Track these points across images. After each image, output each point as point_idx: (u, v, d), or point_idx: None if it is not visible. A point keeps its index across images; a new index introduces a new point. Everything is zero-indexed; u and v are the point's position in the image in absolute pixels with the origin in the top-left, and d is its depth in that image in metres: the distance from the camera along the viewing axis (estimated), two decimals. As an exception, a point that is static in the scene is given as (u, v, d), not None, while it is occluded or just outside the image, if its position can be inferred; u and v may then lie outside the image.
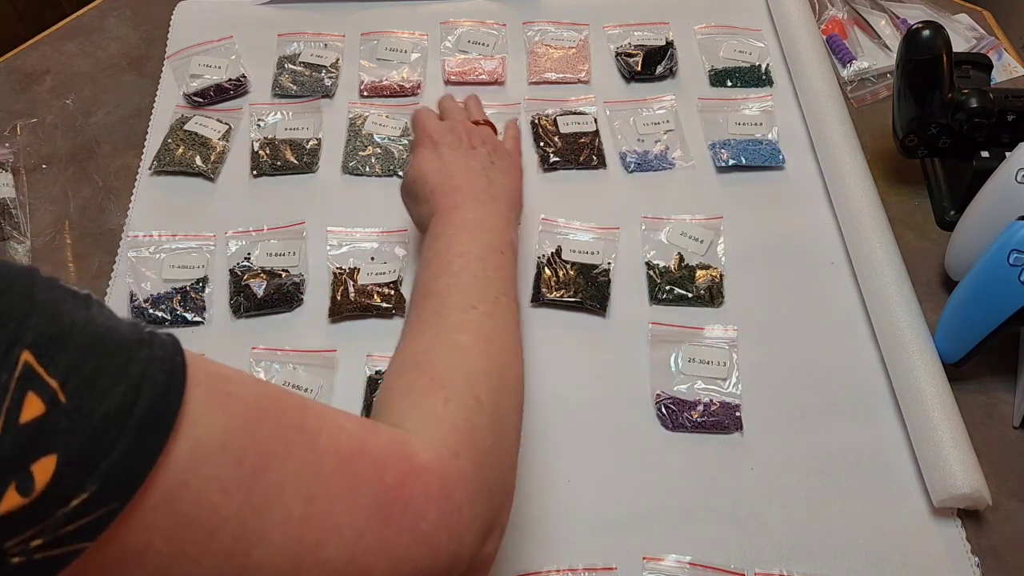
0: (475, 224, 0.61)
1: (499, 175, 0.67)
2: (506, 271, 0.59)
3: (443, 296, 0.55)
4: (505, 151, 0.70)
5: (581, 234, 0.79)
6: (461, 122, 0.71)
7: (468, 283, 0.56)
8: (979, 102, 0.73)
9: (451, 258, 0.58)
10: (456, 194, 0.63)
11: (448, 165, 0.66)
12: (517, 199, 0.67)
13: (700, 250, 0.78)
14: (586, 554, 0.61)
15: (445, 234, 0.60)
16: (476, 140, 0.69)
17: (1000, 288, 0.63)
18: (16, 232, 0.78)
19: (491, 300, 0.56)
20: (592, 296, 0.74)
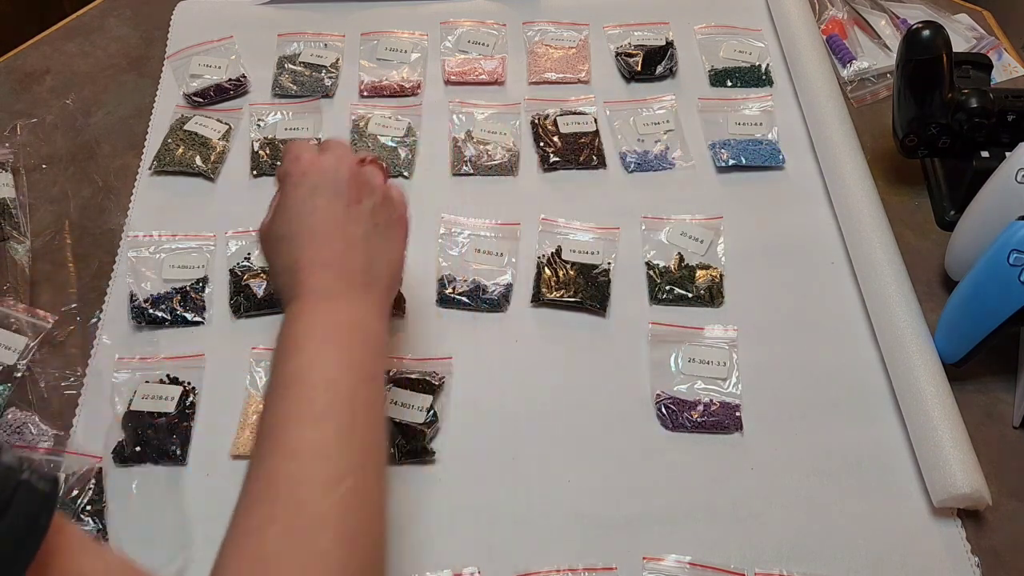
0: (348, 332, 0.52)
1: (383, 244, 0.56)
2: (377, 408, 0.51)
3: (300, 458, 0.46)
4: (393, 202, 0.59)
5: (581, 234, 0.79)
6: (345, 161, 0.58)
7: (333, 440, 0.47)
8: (979, 102, 0.73)
9: (315, 393, 0.48)
10: (325, 274, 0.53)
11: (322, 226, 0.54)
12: (397, 275, 0.58)
13: (700, 250, 0.78)
14: (586, 554, 0.61)
15: (308, 346, 0.51)
16: (363, 190, 0.57)
17: (1000, 288, 0.63)
18: (16, 232, 0.78)
19: (359, 465, 0.47)
20: (592, 296, 0.74)
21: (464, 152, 0.85)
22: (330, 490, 0.45)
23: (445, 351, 0.71)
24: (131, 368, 0.70)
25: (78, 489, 0.63)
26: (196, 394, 0.69)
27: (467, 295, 0.74)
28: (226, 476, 0.65)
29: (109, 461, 0.65)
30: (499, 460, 0.66)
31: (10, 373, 0.69)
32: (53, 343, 0.72)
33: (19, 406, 0.68)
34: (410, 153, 0.85)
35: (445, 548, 0.61)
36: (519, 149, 0.86)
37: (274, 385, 0.50)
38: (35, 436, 0.66)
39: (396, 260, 0.58)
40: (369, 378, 0.51)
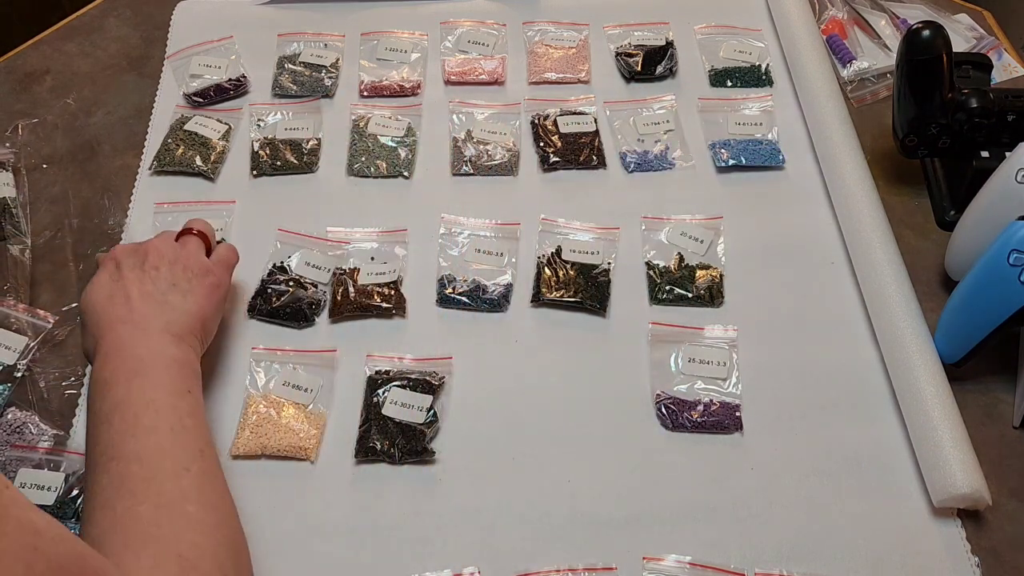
0: (151, 363, 0.57)
1: (180, 298, 0.63)
2: (199, 414, 0.56)
3: (145, 460, 0.51)
4: (200, 269, 0.66)
5: (581, 234, 0.79)
6: (153, 242, 0.67)
7: (169, 441, 0.53)
8: (979, 102, 0.73)
9: (136, 410, 0.54)
10: (123, 326, 0.59)
11: (124, 288, 0.62)
12: (199, 325, 0.63)
13: (700, 250, 0.78)
14: (586, 554, 0.61)
15: (118, 382, 0.55)
16: (161, 260, 0.64)
17: (1000, 288, 0.63)
18: (16, 232, 0.78)
19: (199, 456, 0.53)
20: (592, 296, 0.74)
21: (464, 152, 0.85)
22: (180, 475, 0.51)
23: (445, 351, 0.71)
24: (131, 368, 0.70)
25: (78, 489, 0.63)
26: (196, 394, 0.69)
27: (467, 295, 0.74)
28: (226, 476, 0.65)
29: (109, 461, 0.65)
30: (499, 460, 0.66)
31: (10, 373, 0.69)
32: (53, 343, 0.72)
33: (19, 406, 0.68)
34: (410, 153, 0.85)
35: (445, 548, 0.61)
36: (519, 149, 0.86)
37: (95, 420, 0.55)
38: (35, 436, 0.66)
39: (195, 312, 0.63)
40: (183, 392, 0.57)
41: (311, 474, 0.65)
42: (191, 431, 0.54)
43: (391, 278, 0.75)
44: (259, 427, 0.67)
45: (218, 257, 0.69)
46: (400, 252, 0.78)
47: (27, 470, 0.63)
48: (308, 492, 0.64)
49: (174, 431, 0.53)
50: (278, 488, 0.64)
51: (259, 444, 0.66)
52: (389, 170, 0.84)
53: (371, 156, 0.85)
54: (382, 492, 0.64)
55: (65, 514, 0.61)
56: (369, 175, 0.83)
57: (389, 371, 0.70)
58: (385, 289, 0.75)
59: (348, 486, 0.65)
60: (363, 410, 0.68)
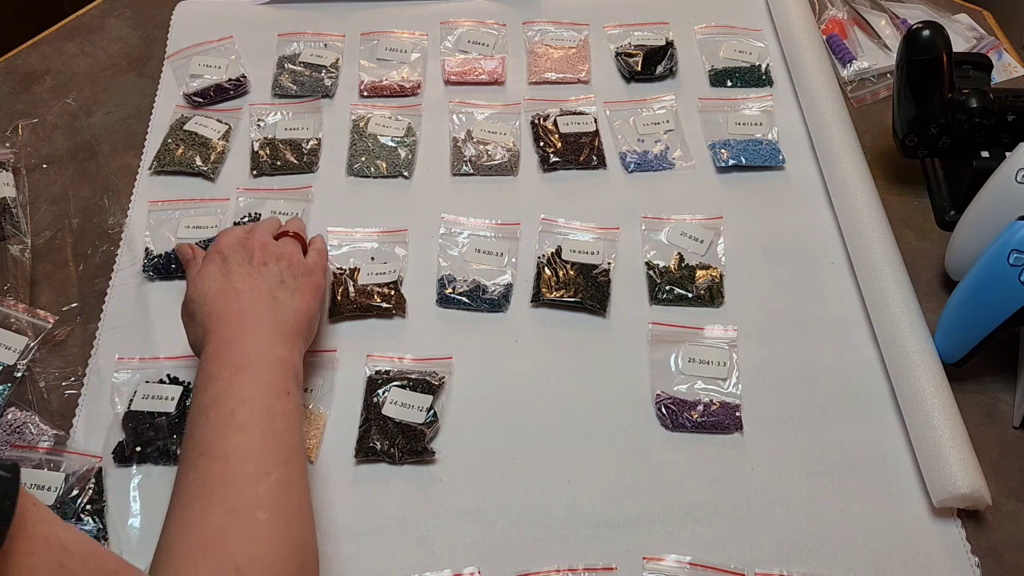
0: (257, 360, 0.57)
1: (288, 296, 0.63)
2: (294, 418, 0.56)
3: (230, 460, 0.51)
4: (304, 268, 0.66)
5: (581, 234, 0.79)
6: (257, 236, 0.67)
7: (257, 443, 0.53)
8: (979, 102, 0.73)
9: (233, 407, 0.54)
10: (235, 320, 0.59)
11: (233, 284, 0.62)
12: (306, 323, 0.63)
13: (700, 250, 0.78)
14: (586, 554, 0.61)
15: (222, 376, 0.56)
16: (269, 256, 0.65)
17: (1000, 288, 0.63)
18: (16, 232, 0.78)
19: (284, 462, 0.53)
20: (592, 296, 0.74)
21: (464, 152, 0.85)
22: (260, 480, 0.51)
23: (445, 351, 0.71)
24: (131, 368, 0.70)
25: (78, 489, 0.63)
26: (196, 394, 0.69)
27: (467, 295, 0.74)
28: (226, 476, 0.65)
29: (109, 461, 0.65)
30: (499, 460, 0.66)
31: (10, 373, 0.69)
32: (53, 343, 0.72)
33: (19, 406, 0.68)
34: (410, 153, 0.85)
35: (445, 548, 0.61)
36: (519, 149, 0.86)
37: (195, 412, 0.55)
38: (35, 436, 0.66)
39: (303, 311, 0.63)
40: (282, 394, 0.56)
41: (311, 474, 0.65)
42: (281, 435, 0.54)
43: (391, 278, 0.75)
44: (259, 427, 0.66)
45: (314, 259, 0.69)
46: (400, 252, 0.78)
47: (27, 470, 0.63)
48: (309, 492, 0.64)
49: (264, 433, 0.53)
50: (278, 488, 0.64)
51: (259, 444, 0.66)
52: (389, 170, 0.84)
53: (371, 156, 0.85)
54: (382, 492, 0.64)
55: (65, 514, 0.61)
56: (369, 175, 0.83)
57: (389, 371, 0.70)
58: (385, 289, 0.75)
59: (348, 486, 0.65)
60: (363, 410, 0.68)
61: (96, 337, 0.72)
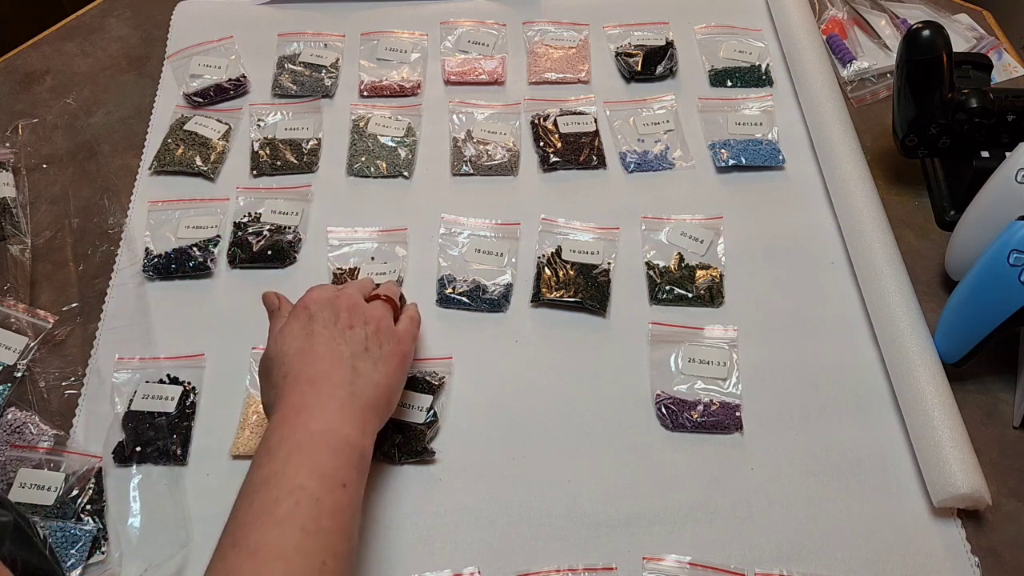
0: (319, 440, 0.53)
1: (370, 366, 0.59)
2: (344, 516, 0.52)
3: (258, 557, 0.48)
4: (392, 336, 0.62)
5: (581, 234, 0.79)
6: (347, 295, 0.63)
7: (294, 542, 0.48)
8: (979, 102, 0.73)
9: (279, 495, 0.50)
10: (307, 388, 0.56)
11: (314, 346, 0.58)
12: (385, 398, 0.59)
13: (700, 250, 0.78)
14: (586, 554, 0.61)
15: (278, 454, 0.53)
16: (356, 319, 0.61)
17: (1000, 288, 0.63)
18: (16, 232, 0.78)
19: (316, 569, 0.48)
20: (592, 296, 0.74)
21: (464, 152, 0.85)
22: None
23: (445, 351, 0.71)
24: (131, 368, 0.70)
25: (78, 489, 0.63)
26: (196, 394, 0.69)
27: (467, 295, 0.74)
28: (226, 476, 0.65)
29: (109, 461, 0.65)
30: (499, 460, 0.66)
31: (10, 373, 0.69)
32: (53, 343, 0.72)
33: (19, 406, 0.68)
34: (410, 153, 0.85)
35: (445, 548, 0.61)
36: (519, 149, 0.86)
37: (244, 490, 0.53)
38: (35, 436, 0.66)
39: (383, 384, 0.59)
40: (337, 486, 0.52)
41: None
42: (323, 535, 0.50)
43: (391, 278, 0.75)
44: (259, 427, 0.66)
45: (405, 327, 0.65)
46: (400, 252, 0.78)
47: (27, 470, 0.63)
48: (308, 492, 0.64)
49: (304, 532, 0.49)
50: (278, 488, 0.64)
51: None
52: (389, 170, 0.84)
53: (371, 156, 0.85)
54: (382, 492, 0.64)
55: (65, 514, 0.61)
56: (369, 175, 0.83)
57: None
58: None
59: (348, 486, 0.64)
60: (363, 410, 0.68)
61: (96, 337, 0.72)
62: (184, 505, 0.63)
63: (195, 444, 0.66)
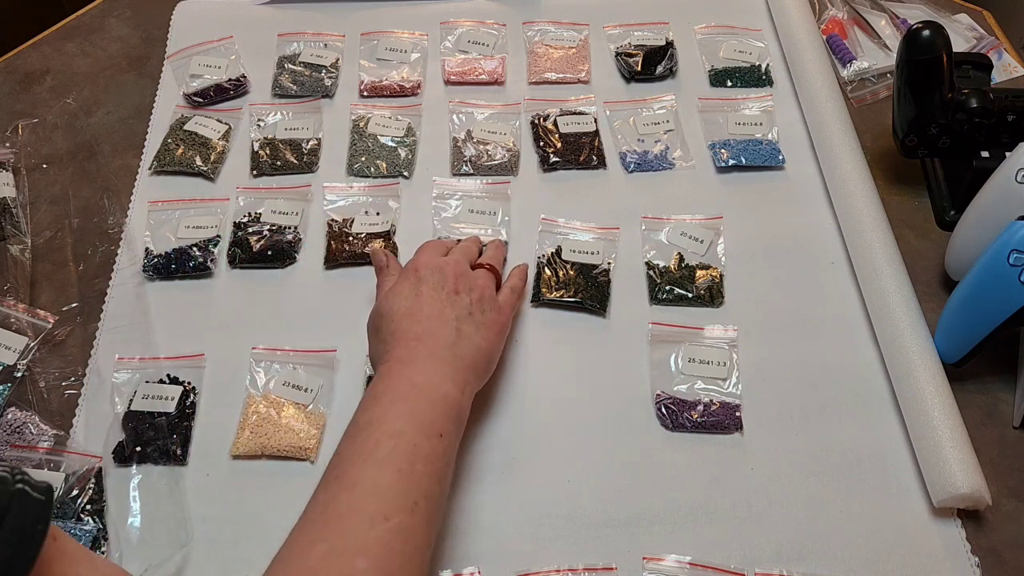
0: (421, 393, 0.57)
1: (473, 330, 0.62)
2: (438, 463, 0.54)
3: (356, 491, 0.51)
4: (494, 304, 0.66)
5: (581, 234, 0.79)
6: (455, 262, 0.67)
7: (388, 481, 0.51)
8: (979, 102, 0.73)
9: (380, 437, 0.53)
10: (414, 344, 0.60)
11: (422, 307, 0.62)
12: (484, 361, 0.63)
13: (700, 250, 0.78)
14: (586, 554, 0.61)
15: (382, 401, 0.56)
16: (463, 285, 0.65)
17: (1000, 288, 0.63)
18: (16, 232, 0.78)
19: (408, 508, 0.51)
20: (592, 296, 0.74)
21: (464, 152, 0.85)
22: (376, 523, 0.49)
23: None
24: (131, 368, 0.70)
25: (78, 489, 0.63)
26: (196, 394, 0.69)
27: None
28: (226, 476, 0.65)
29: (109, 461, 0.65)
30: (499, 460, 0.66)
31: (10, 373, 0.69)
32: (53, 343, 0.72)
33: (19, 406, 0.68)
34: (410, 153, 0.85)
35: (445, 548, 0.61)
36: (519, 149, 0.86)
37: (348, 431, 0.56)
38: (35, 436, 0.66)
39: (484, 348, 0.63)
40: (434, 434, 0.55)
41: (311, 474, 0.65)
42: (417, 478, 0.52)
43: (384, 228, 0.78)
44: (259, 427, 0.67)
45: (505, 297, 0.68)
46: (393, 205, 0.78)
47: (27, 470, 0.63)
48: (308, 492, 0.64)
49: (399, 472, 0.52)
50: (278, 488, 0.64)
51: (259, 444, 0.66)
52: (389, 170, 0.84)
53: (371, 156, 0.85)
54: (382, 492, 0.64)
55: (65, 514, 0.61)
56: (369, 175, 0.83)
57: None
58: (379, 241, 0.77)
59: (348, 486, 0.64)
60: (363, 410, 0.68)
61: (96, 337, 0.72)
62: (184, 505, 0.63)
63: (195, 444, 0.66)
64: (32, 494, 0.36)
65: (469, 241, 0.73)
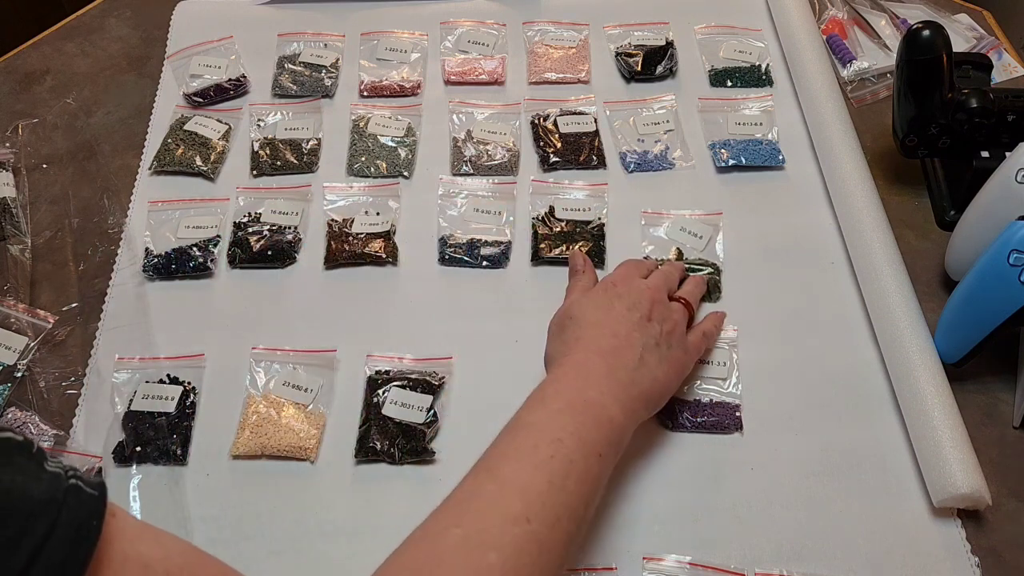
0: (590, 409, 0.56)
1: (655, 361, 0.61)
2: (589, 485, 0.53)
3: (504, 488, 0.51)
4: (682, 342, 0.64)
5: (575, 192, 0.81)
6: (655, 288, 0.66)
7: (538, 488, 0.50)
8: (979, 102, 0.73)
9: (540, 442, 0.53)
10: (595, 358, 0.59)
11: (612, 323, 0.61)
12: (658, 395, 0.61)
13: (699, 246, 0.78)
14: (586, 554, 0.61)
15: (552, 405, 0.56)
16: (656, 314, 0.63)
17: (1000, 288, 0.63)
18: (16, 232, 0.78)
19: (551, 521, 0.50)
20: (591, 251, 0.76)
21: (464, 152, 0.85)
22: (517, 523, 0.49)
23: (445, 351, 0.71)
24: (131, 368, 0.70)
25: (78, 489, 0.63)
26: (196, 394, 0.69)
27: (467, 253, 0.74)
28: (226, 476, 0.65)
29: (109, 461, 0.65)
30: (499, 460, 0.66)
31: (10, 373, 0.69)
32: (53, 343, 0.72)
33: (19, 406, 0.68)
34: (410, 153, 0.85)
35: (445, 548, 0.61)
36: (519, 149, 0.86)
37: (511, 426, 0.56)
38: (35, 436, 0.66)
39: (661, 380, 0.61)
40: (594, 454, 0.54)
41: (311, 474, 0.65)
42: (567, 494, 0.51)
43: (384, 228, 0.78)
44: (259, 427, 0.67)
45: (695, 340, 0.67)
46: (393, 204, 0.78)
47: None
48: (308, 492, 0.64)
49: (552, 484, 0.51)
50: (278, 488, 0.64)
51: (259, 444, 0.66)
52: (389, 170, 0.84)
53: (371, 156, 0.85)
54: (382, 492, 0.64)
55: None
56: (369, 175, 0.83)
57: (389, 371, 0.70)
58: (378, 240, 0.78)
59: (348, 486, 0.65)
60: (363, 410, 0.68)
61: (96, 337, 0.72)
62: (184, 505, 0.63)
63: (195, 444, 0.66)
64: (86, 489, 0.37)
65: (672, 268, 0.72)
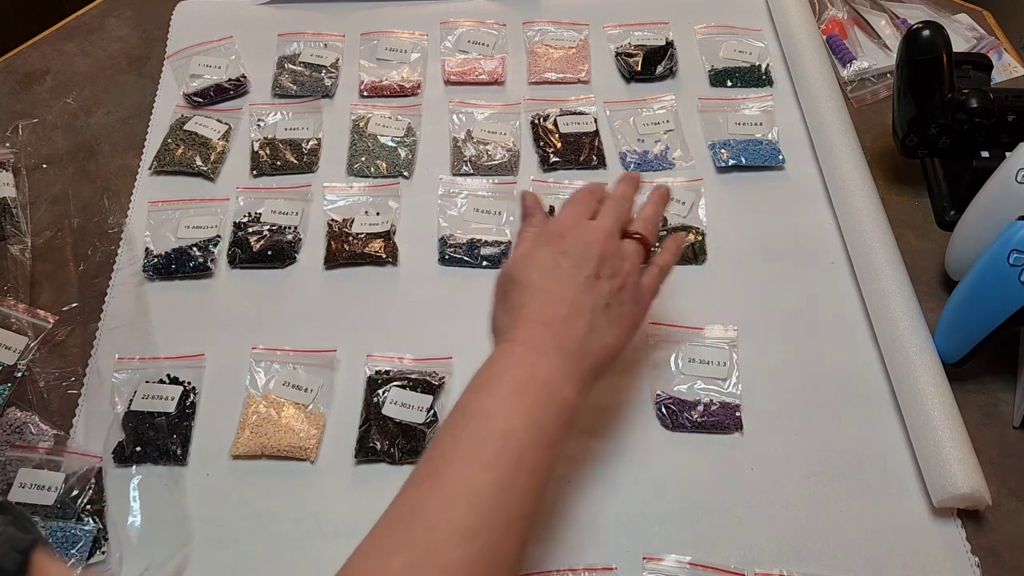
0: (540, 391, 0.52)
1: (605, 325, 0.56)
2: (540, 477, 0.50)
3: (450, 495, 0.48)
4: (635, 294, 0.59)
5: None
6: (605, 233, 0.59)
7: (488, 491, 0.47)
8: (979, 102, 0.73)
9: (490, 438, 0.49)
10: (541, 330, 0.54)
11: (559, 287, 0.56)
12: (608, 361, 0.57)
13: (683, 212, 0.79)
14: (586, 554, 0.61)
15: (500, 388, 0.52)
16: (607, 270, 0.58)
17: (1000, 288, 0.63)
18: (16, 232, 0.78)
19: (502, 526, 0.47)
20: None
21: (464, 152, 0.85)
22: (466, 541, 0.46)
23: (445, 351, 0.71)
24: (131, 368, 0.70)
25: (78, 489, 0.63)
26: (196, 394, 0.69)
27: (467, 253, 0.74)
28: (226, 476, 0.65)
29: (109, 461, 0.65)
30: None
31: (10, 373, 0.69)
32: (53, 343, 0.72)
33: (19, 406, 0.68)
34: (410, 153, 0.85)
35: (445, 548, 0.61)
36: (519, 149, 0.86)
37: (455, 416, 0.52)
38: (35, 436, 0.66)
39: (612, 347, 0.57)
40: (545, 444, 0.51)
41: (311, 474, 0.65)
42: (518, 492, 0.48)
43: (384, 228, 0.78)
44: (259, 427, 0.67)
45: (648, 282, 0.61)
46: (393, 204, 0.78)
47: (27, 470, 0.63)
48: (308, 492, 0.64)
49: (502, 483, 0.48)
50: (278, 488, 0.64)
51: (259, 444, 0.66)
52: (389, 170, 0.84)
53: (371, 156, 0.85)
54: (382, 492, 0.63)
55: (66, 514, 0.61)
56: (369, 175, 0.83)
57: (389, 371, 0.70)
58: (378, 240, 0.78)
59: (348, 486, 0.65)
60: (363, 410, 0.68)
61: (96, 337, 0.72)
62: (184, 505, 0.63)
63: (195, 444, 0.66)
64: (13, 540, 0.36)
65: (623, 194, 0.64)
